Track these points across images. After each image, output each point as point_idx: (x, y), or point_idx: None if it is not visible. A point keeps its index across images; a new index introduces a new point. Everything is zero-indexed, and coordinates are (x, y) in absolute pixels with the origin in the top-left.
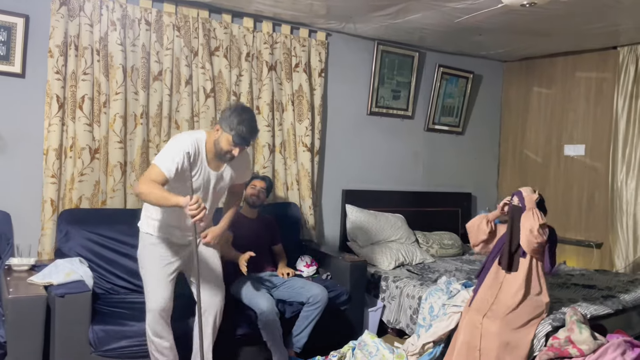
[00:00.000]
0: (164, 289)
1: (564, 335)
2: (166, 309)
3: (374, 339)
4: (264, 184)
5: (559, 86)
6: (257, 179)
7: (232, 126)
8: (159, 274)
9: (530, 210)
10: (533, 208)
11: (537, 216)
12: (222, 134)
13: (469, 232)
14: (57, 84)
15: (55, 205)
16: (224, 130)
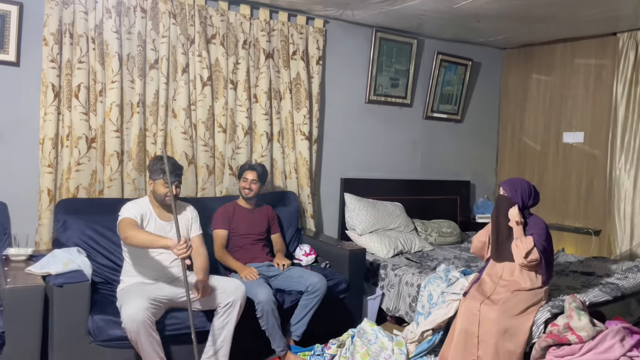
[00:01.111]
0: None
1: (562, 322)
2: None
3: (373, 326)
4: (255, 174)
5: (558, 73)
6: (248, 169)
7: (158, 172)
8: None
9: (518, 238)
10: (520, 237)
11: (525, 245)
12: (155, 183)
13: (477, 255)
14: (52, 72)
15: (52, 195)
16: (155, 179)
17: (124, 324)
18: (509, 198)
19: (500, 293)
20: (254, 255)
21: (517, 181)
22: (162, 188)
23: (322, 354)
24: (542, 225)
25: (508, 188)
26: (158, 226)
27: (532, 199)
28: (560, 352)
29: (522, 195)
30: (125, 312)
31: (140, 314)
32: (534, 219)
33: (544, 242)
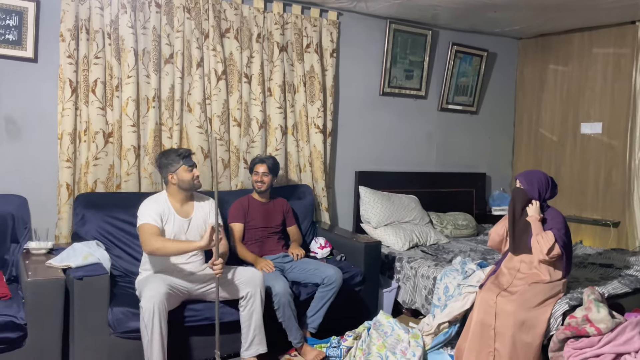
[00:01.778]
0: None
1: (581, 314)
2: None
3: (389, 319)
4: (265, 166)
5: (575, 63)
6: (258, 163)
7: (175, 160)
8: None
9: (536, 234)
10: (539, 232)
11: (546, 240)
12: (177, 173)
13: (494, 248)
14: (69, 68)
15: (71, 189)
16: (175, 170)
17: (142, 304)
18: (525, 191)
19: (518, 285)
20: (269, 248)
21: (534, 173)
22: (187, 174)
23: (338, 346)
24: (560, 218)
25: (525, 180)
26: (177, 224)
27: (549, 192)
28: (579, 344)
29: (539, 188)
30: (145, 294)
31: (158, 296)
32: (551, 212)
33: (564, 236)
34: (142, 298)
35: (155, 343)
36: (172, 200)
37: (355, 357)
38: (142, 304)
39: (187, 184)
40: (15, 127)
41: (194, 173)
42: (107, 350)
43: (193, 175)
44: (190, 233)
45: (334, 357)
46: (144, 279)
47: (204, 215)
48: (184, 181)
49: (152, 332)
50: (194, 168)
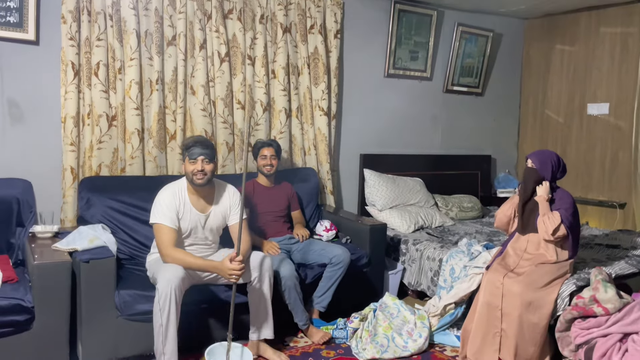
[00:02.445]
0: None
1: (588, 295)
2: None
3: (395, 300)
4: (272, 149)
5: (582, 43)
6: (264, 146)
7: (183, 149)
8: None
9: (543, 214)
10: (546, 213)
11: (552, 220)
12: (185, 163)
13: (500, 228)
14: (71, 50)
15: (76, 173)
16: (183, 159)
17: (158, 286)
18: (537, 170)
19: (525, 266)
20: (275, 230)
21: (546, 153)
22: (189, 165)
23: (344, 328)
24: (569, 199)
25: (537, 160)
26: (193, 219)
27: (560, 172)
28: (586, 325)
29: (552, 168)
30: (162, 276)
31: (175, 280)
32: (560, 192)
33: (571, 216)
34: (158, 280)
35: (170, 327)
36: (190, 190)
37: (361, 339)
38: (158, 286)
39: (188, 177)
40: (18, 111)
41: (196, 167)
42: (114, 332)
43: (194, 168)
44: (207, 229)
45: (340, 339)
46: (157, 261)
47: (223, 210)
48: (186, 174)
49: (169, 315)
50: (198, 161)
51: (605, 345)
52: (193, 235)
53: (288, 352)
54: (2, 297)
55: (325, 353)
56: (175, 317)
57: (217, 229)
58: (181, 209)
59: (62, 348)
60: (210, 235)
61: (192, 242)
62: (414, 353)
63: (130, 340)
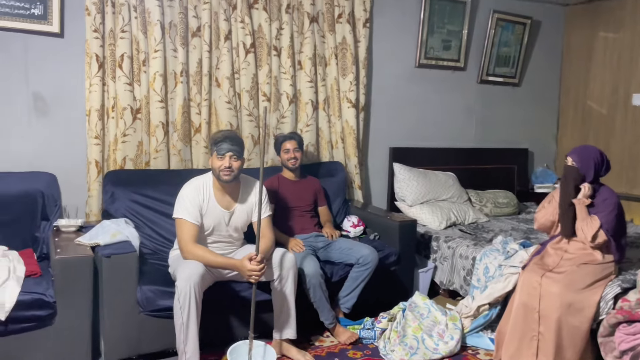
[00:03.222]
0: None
1: (635, 297)
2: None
3: (425, 300)
4: (295, 142)
5: (627, 30)
6: (286, 140)
7: (211, 144)
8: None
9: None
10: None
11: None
12: (212, 158)
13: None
14: (95, 42)
15: (100, 166)
16: (211, 155)
17: (178, 283)
18: (578, 169)
19: (565, 266)
20: (301, 227)
21: (589, 150)
22: (216, 161)
23: (372, 328)
24: (612, 200)
25: (578, 158)
26: (217, 216)
27: (604, 170)
28: (632, 330)
29: (595, 166)
30: (181, 273)
31: (195, 277)
32: (604, 192)
33: (614, 219)
34: (177, 277)
35: (191, 325)
36: (215, 186)
37: (389, 339)
38: (178, 283)
39: (215, 172)
40: (43, 104)
41: (223, 163)
42: (136, 328)
43: (221, 165)
44: (231, 226)
45: (368, 339)
46: (179, 257)
47: (248, 207)
48: (213, 169)
49: (189, 313)
50: (225, 157)
51: None
52: (216, 233)
53: (313, 351)
54: (24, 291)
55: (351, 354)
56: (196, 315)
57: (242, 226)
58: (205, 205)
59: (84, 343)
60: (234, 232)
61: (215, 240)
62: (445, 356)
63: (152, 336)
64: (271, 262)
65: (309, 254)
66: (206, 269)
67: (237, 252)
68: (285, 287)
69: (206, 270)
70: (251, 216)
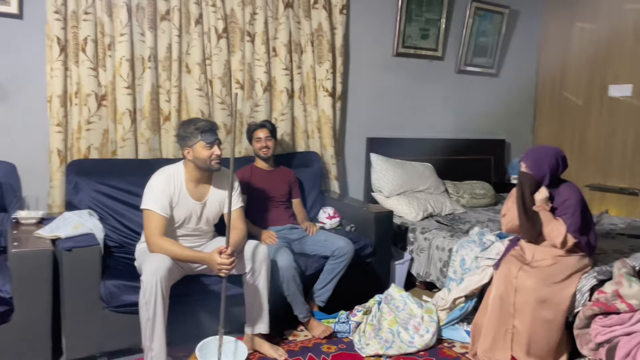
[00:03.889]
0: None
1: (611, 289)
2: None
3: (401, 292)
4: (267, 130)
5: (604, 21)
6: (257, 129)
7: (194, 133)
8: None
9: (547, 222)
10: (550, 220)
11: (557, 230)
12: (194, 149)
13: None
14: (57, 24)
15: (63, 155)
16: (192, 145)
17: (143, 278)
18: (533, 175)
19: (542, 258)
20: (276, 218)
21: (542, 152)
22: (204, 151)
23: (347, 321)
24: (574, 198)
25: (532, 163)
26: (189, 208)
27: (560, 170)
28: (608, 322)
29: (550, 169)
30: (147, 267)
31: (161, 270)
32: (563, 190)
33: (578, 220)
34: (143, 271)
35: (157, 321)
36: (187, 177)
37: (364, 333)
38: (143, 277)
39: (202, 162)
40: (1, 90)
41: (213, 151)
42: (100, 325)
43: (211, 154)
44: (202, 218)
45: (343, 333)
46: (146, 250)
47: (220, 198)
48: (199, 159)
49: (155, 309)
50: (214, 145)
51: (629, 345)
52: (186, 225)
53: (286, 346)
54: None
55: (326, 348)
56: (163, 310)
57: (214, 218)
58: (176, 197)
59: (44, 341)
60: (205, 225)
61: (184, 233)
62: (420, 349)
63: (116, 333)
64: (243, 254)
65: (282, 246)
66: (174, 262)
67: (207, 245)
68: (257, 281)
69: (174, 263)
70: (223, 207)
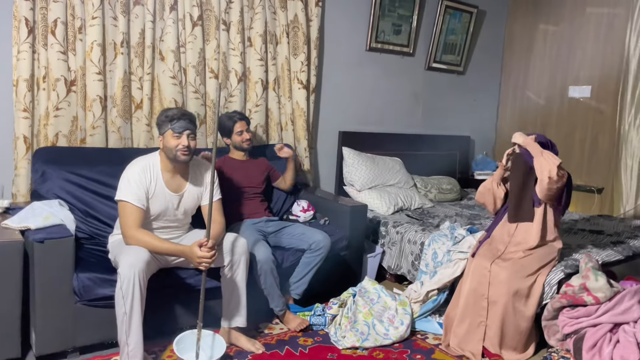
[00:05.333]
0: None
1: (578, 283)
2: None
3: (374, 285)
4: (245, 123)
5: (567, 23)
6: (238, 121)
7: (165, 121)
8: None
9: (539, 153)
10: (541, 151)
11: (551, 158)
12: (165, 137)
13: (482, 202)
14: (25, 5)
15: (29, 142)
16: (163, 132)
17: (120, 270)
18: (523, 156)
19: (513, 252)
20: (252, 211)
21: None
22: (172, 140)
23: (322, 314)
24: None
25: (522, 139)
26: (166, 200)
27: (550, 149)
28: (575, 314)
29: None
30: (124, 260)
31: (139, 264)
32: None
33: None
34: (120, 264)
35: (134, 315)
36: (163, 167)
37: (340, 325)
38: (120, 270)
39: (169, 152)
40: None
41: (181, 142)
42: (71, 319)
43: (178, 144)
44: (179, 210)
45: (318, 325)
46: (120, 242)
47: (198, 190)
48: (167, 148)
49: (132, 302)
50: (183, 135)
51: (596, 336)
52: (163, 218)
53: (263, 339)
54: None
55: (302, 341)
56: (140, 305)
57: (191, 210)
58: (152, 188)
59: (13, 337)
60: (182, 217)
61: (161, 225)
62: (395, 341)
63: (89, 327)
64: (222, 247)
65: (260, 239)
66: (151, 255)
67: (184, 238)
68: (236, 274)
69: (151, 256)
70: (201, 199)
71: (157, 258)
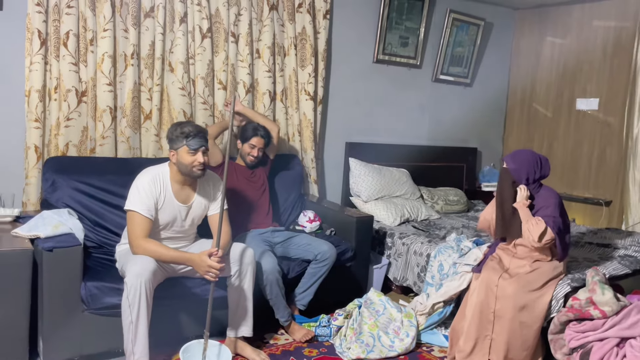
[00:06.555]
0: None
1: (585, 296)
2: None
3: (380, 296)
4: (263, 142)
5: (574, 36)
6: (257, 136)
7: (180, 137)
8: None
9: (525, 220)
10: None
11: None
12: (178, 152)
13: (486, 230)
14: (38, 17)
15: (40, 152)
16: (177, 148)
17: (127, 280)
18: (510, 172)
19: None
20: (257, 221)
21: (523, 154)
22: (187, 156)
23: (328, 325)
24: (553, 199)
25: (512, 161)
26: (174, 210)
27: (539, 172)
28: (582, 327)
29: (527, 170)
30: (131, 269)
31: (146, 273)
32: (544, 192)
33: (558, 218)
34: (127, 273)
35: (141, 324)
36: (172, 178)
37: (345, 337)
38: (127, 280)
39: (184, 168)
40: None
41: (196, 158)
42: (79, 327)
43: (194, 160)
44: (187, 221)
45: (323, 337)
46: (127, 252)
47: (205, 201)
48: (182, 164)
49: (139, 311)
50: (198, 152)
51: (602, 350)
52: (170, 228)
53: (268, 350)
54: None
55: (307, 352)
56: (146, 314)
57: (198, 220)
58: (161, 199)
59: (21, 344)
60: (189, 227)
61: (168, 235)
62: (400, 353)
63: (96, 336)
64: (229, 257)
65: (266, 249)
66: (158, 264)
67: (190, 247)
68: (243, 283)
69: (158, 266)
70: (208, 209)
71: (164, 267)
